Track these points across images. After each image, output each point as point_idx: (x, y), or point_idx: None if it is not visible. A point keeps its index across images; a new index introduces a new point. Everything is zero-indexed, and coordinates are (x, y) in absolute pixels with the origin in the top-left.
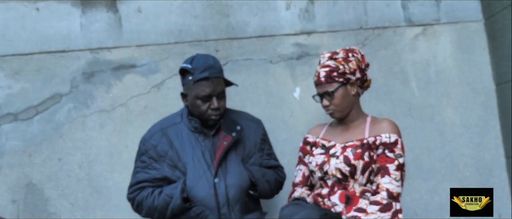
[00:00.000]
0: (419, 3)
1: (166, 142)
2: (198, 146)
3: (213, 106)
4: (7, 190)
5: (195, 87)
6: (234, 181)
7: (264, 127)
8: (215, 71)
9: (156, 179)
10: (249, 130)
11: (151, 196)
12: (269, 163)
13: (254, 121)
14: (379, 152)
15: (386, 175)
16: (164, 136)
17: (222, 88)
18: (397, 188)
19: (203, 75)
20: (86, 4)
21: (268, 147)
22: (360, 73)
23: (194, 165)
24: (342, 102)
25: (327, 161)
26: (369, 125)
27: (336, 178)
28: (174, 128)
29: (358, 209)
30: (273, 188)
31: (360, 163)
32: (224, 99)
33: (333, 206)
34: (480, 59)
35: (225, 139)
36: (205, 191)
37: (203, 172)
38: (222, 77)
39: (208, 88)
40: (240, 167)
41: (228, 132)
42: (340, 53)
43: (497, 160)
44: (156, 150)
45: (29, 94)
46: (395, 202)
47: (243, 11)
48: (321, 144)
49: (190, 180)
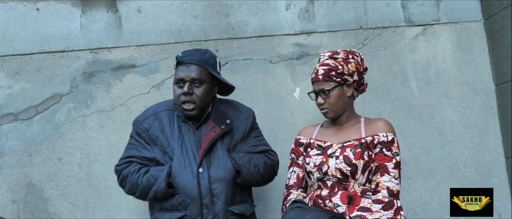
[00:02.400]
0: (419, 3)
1: (158, 126)
2: (186, 134)
3: (183, 90)
4: (7, 190)
5: (175, 72)
6: (218, 172)
7: (254, 116)
8: (196, 58)
9: (145, 157)
10: (238, 120)
11: (137, 173)
12: (257, 149)
13: (244, 111)
14: (376, 150)
15: (386, 173)
16: (156, 119)
17: (198, 75)
18: (396, 186)
19: (181, 60)
20: (86, 4)
21: (257, 133)
22: (357, 76)
23: (181, 153)
24: (337, 102)
25: (326, 161)
26: (363, 125)
27: (336, 178)
28: (167, 113)
29: (362, 208)
30: (263, 173)
31: (361, 163)
32: (202, 89)
33: (335, 207)
34: (479, 59)
35: (213, 130)
36: (188, 180)
37: (189, 161)
38: (203, 66)
39: (181, 72)
40: (224, 157)
41: (217, 123)
42: (341, 53)
43: (497, 160)
44: (148, 133)
45: (29, 94)
46: (396, 200)
47: (243, 11)
48: (316, 145)
49: (176, 167)
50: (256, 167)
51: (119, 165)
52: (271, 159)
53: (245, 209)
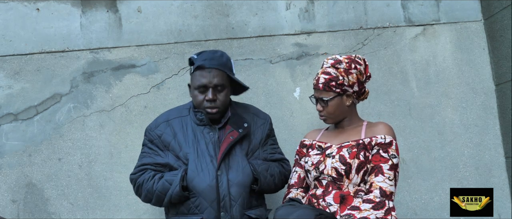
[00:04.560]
0: (419, 3)
1: (170, 132)
2: (202, 138)
3: (207, 97)
4: (7, 190)
5: (194, 76)
6: (237, 176)
7: (271, 122)
8: (215, 62)
9: (159, 164)
10: (256, 125)
11: (152, 180)
12: (274, 157)
13: (261, 116)
14: (373, 152)
15: (380, 174)
16: (168, 126)
17: (220, 81)
18: (390, 187)
19: (200, 64)
20: (86, 4)
21: (273, 141)
22: (358, 87)
23: (197, 157)
24: (335, 111)
25: (323, 160)
26: (365, 128)
27: (331, 178)
28: (180, 120)
29: (352, 208)
30: (277, 182)
31: (355, 162)
32: (224, 93)
33: (328, 206)
34: (479, 59)
35: (231, 134)
36: (206, 183)
37: (206, 164)
38: (223, 71)
39: (204, 78)
40: (243, 162)
41: (235, 127)
42: (344, 63)
43: (497, 160)
44: (160, 140)
45: (29, 94)
46: (388, 200)
47: (243, 11)
48: (317, 146)
49: (192, 170)
50: (272, 176)
51: (134, 174)
52: (285, 168)
53: (261, 213)
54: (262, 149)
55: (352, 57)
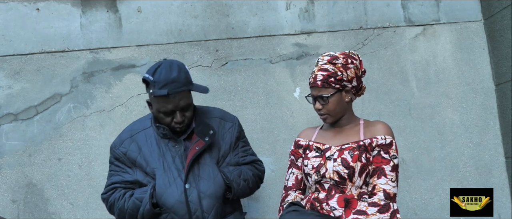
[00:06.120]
0: (419, 3)
1: (135, 148)
2: (168, 151)
3: (176, 120)
4: (7, 190)
5: (156, 101)
6: (208, 188)
7: (239, 123)
8: (178, 85)
9: (128, 181)
10: (224, 130)
11: (122, 199)
12: (246, 159)
13: (228, 119)
14: (374, 153)
15: (383, 176)
16: (133, 142)
17: (187, 101)
18: (393, 189)
19: (162, 93)
20: (86, 4)
21: (244, 142)
22: (356, 82)
23: (164, 171)
24: (335, 108)
25: (324, 163)
26: (363, 128)
27: (334, 181)
28: (144, 133)
29: (358, 212)
30: (252, 186)
31: (358, 165)
32: (190, 110)
33: (332, 210)
34: (479, 59)
35: (197, 144)
36: (175, 198)
37: (173, 178)
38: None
39: (169, 104)
40: (214, 171)
41: (201, 136)
42: (340, 58)
43: (497, 160)
44: (126, 157)
45: (29, 94)
46: (392, 203)
47: (243, 11)
48: (315, 147)
49: (160, 186)
50: (245, 181)
51: (105, 193)
52: (259, 169)
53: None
54: (233, 153)
55: (347, 52)
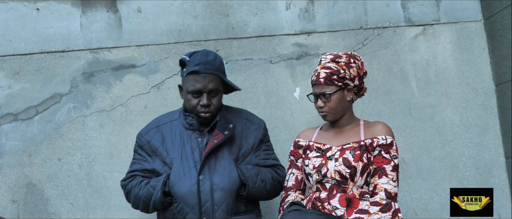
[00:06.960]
0: (419, 3)
1: (159, 138)
2: (189, 143)
3: (202, 102)
4: (7, 190)
5: (187, 80)
6: (222, 181)
7: (265, 127)
8: (210, 67)
9: (146, 170)
10: (248, 130)
11: (138, 186)
12: (267, 162)
13: (255, 121)
14: (375, 153)
15: (384, 175)
16: (158, 132)
17: (215, 86)
18: (394, 188)
19: (194, 69)
20: (86, 4)
21: (267, 146)
22: (358, 81)
23: (181, 161)
24: (337, 106)
25: (325, 163)
26: (363, 128)
27: (335, 181)
28: (170, 125)
29: (360, 211)
30: (269, 188)
31: (360, 165)
32: (217, 98)
33: (334, 209)
34: (479, 59)
35: (216, 137)
36: (187, 188)
37: (188, 169)
38: (217, 75)
39: (198, 83)
40: (231, 166)
41: (221, 130)
42: (343, 57)
43: (497, 160)
44: (149, 145)
45: (29, 94)
46: (393, 202)
47: (243, 11)
48: (316, 147)
49: (174, 175)
50: (263, 181)
51: (124, 180)
52: (279, 174)
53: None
54: (254, 154)
55: (349, 53)
